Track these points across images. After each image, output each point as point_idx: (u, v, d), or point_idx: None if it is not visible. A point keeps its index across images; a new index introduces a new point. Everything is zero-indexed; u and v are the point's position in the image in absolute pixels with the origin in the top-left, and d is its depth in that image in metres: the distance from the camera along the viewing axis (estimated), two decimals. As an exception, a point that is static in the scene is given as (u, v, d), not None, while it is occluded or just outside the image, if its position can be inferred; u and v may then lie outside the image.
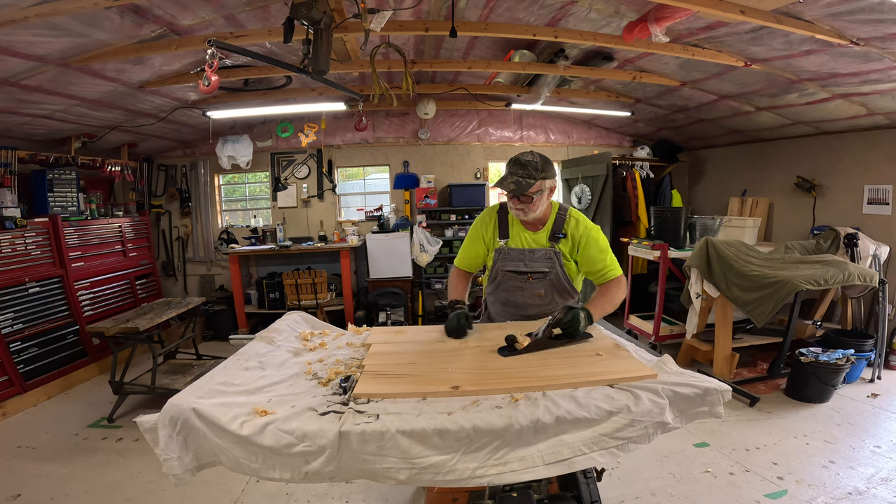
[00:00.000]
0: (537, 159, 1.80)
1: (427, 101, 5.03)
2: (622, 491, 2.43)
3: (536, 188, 1.78)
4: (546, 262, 1.92)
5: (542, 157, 1.81)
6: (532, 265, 1.93)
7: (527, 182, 1.77)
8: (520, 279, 1.97)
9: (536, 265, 1.93)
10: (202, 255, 5.81)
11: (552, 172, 1.84)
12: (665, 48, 3.05)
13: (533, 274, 1.94)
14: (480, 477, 1.14)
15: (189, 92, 3.97)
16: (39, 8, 2.21)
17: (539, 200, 1.82)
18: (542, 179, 1.78)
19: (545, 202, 1.87)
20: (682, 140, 5.76)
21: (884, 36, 2.55)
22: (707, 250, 3.62)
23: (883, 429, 2.95)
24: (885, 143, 3.87)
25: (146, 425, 1.22)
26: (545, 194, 1.83)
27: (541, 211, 1.87)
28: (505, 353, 1.55)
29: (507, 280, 1.99)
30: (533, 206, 1.82)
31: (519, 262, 1.95)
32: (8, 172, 3.71)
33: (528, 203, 1.81)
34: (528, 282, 1.95)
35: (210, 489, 2.52)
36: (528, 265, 1.94)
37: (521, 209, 1.85)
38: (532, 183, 1.77)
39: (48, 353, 3.85)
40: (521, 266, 1.95)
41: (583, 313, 1.62)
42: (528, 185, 1.77)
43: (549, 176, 1.82)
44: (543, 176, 1.79)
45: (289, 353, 1.69)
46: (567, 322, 1.58)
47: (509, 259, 1.96)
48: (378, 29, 2.53)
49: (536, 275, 1.94)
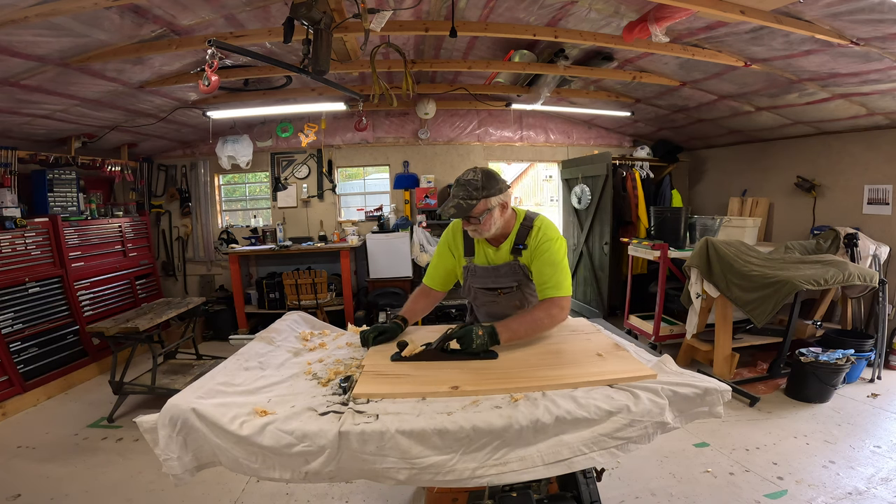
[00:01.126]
0: (479, 178, 1.69)
1: (427, 101, 5.03)
2: (622, 491, 2.43)
3: (481, 208, 1.68)
4: (512, 277, 1.84)
5: (484, 175, 1.70)
6: (500, 281, 1.87)
7: (468, 203, 1.67)
8: (491, 295, 1.92)
9: (504, 280, 1.86)
10: (202, 255, 5.81)
11: (497, 189, 1.70)
12: (665, 48, 3.05)
13: (503, 289, 1.88)
14: (480, 477, 1.14)
15: (189, 92, 3.97)
16: (39, 8, 2.21)
17: (489, 219, 1.71)
18: (485, 198, 1.67)
19: (498, 219, 1.75)
20: (682, 140, 5.76)
21: (884, 36, 2.54)
22: (707, 250, 3.62)
23: (883, 429, 2.95)
24: (885, 143, 3.87)
25: (146, 425, 1.22)
26: (495, 212, 1.72)
27: (496, 228, 1.76)
28: (394, 358, 1.55)
29: (481, 296, 1.95)
30: (484, 227, 1.72)
31: (487, 279, 1.89)
32: (8, 172, 3.71)
33: (478, 224, 1.72)
34: (500, 296, 1.90)
35: (210, 489, 2.52)
36: (495, 281, 1.87)
37: (473, 230, 1.77)
38: (473, 204, 1.66)
39: (48, 353, 3.85)
40: (490, 283, 1.89)
41: (481, 330, 1.55)
42: (470, 206, 1.67)
43: (494, 193, 1.69)
44: (486, 194, 1.67)
45: (289, 354, 1.69)
46: (459, 337, 1.54)
47: (477, 276, 1.90)
48: (378, 29, 2.53)
49: (506, 290, 1.87)
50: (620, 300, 5.27)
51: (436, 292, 2.01)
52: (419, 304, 1.98)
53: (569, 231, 6.00)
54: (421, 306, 1.98)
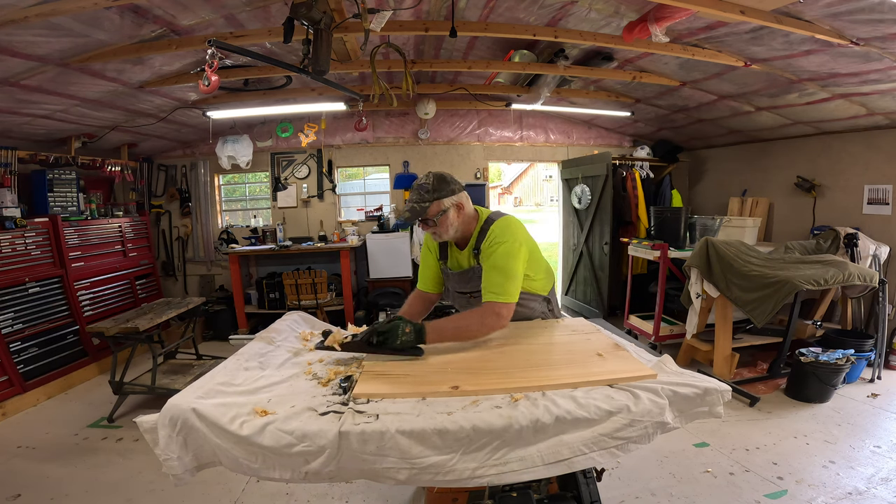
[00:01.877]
0: (430, 181, 1.73)
1: (427, 101, 5.03)
2: (622, 491, 2.43)
3: (435, 209, 1.72)
4: (478, 281, 1.79)
5: (436, 177, 1.74)
6: (469, 286, 1.86)
7: (421, 207, 1.71)
8: (465, 298, 1.92)
9: (471, 285, 1.85)
10: (202, 255, 5.81)
11: (450, 190, 1.74)
12: (665, 48, 3.05)
13: (472, 293, 1.86)
14: (480, 477, 1.14)
15: (189, 92, 3.97)
16: (39, 8, 2.21)
17: (445, 221, 1.74)
18: (437, 200, 1.71)
19: (456, 220, 1.77)
20: (682, 140, 5.76)
21: (884, 36, 2.54)
22: (707, 250, 3.62)
23: (883, 429, 2.95)
24: (885, 143, 3.87)
25: (146, 425, 1.22)
26: (450, 213, 1.74)
27: (456, 229, 1.78)
28: (318, 346, 1.59)
29: (457, 299, 1.96)
30: (442, 228, 1.76)
31: (458, 283, 1.90)
32: (8, 172, 3.71)
33: (435, 226, 1.76)
34: (472, 300, 1.88)
35: (210, 489, 2.52)
36: (465, 285, 1.88)
37: (433, 232, 1.80)
38: (426, 206, 1.71)
39: (48, 353, 3.85)
40: (461, 287, 1.90)
41: (408, 326, 1.54)
42: (423, 209, 1.71)
43: (446, 194, 1.72)
44: (437, 196, 1.71)
45: (289, 353, 1.69)
46: (384, 331, 1.53)
47: (451, 280, 1.93)
48: (378, 29, 2.53)
49: (475, 294, 1.83)
50: (620, 300, 5.27)
51: (429, 294, 2.03)
52: (415, 307, 2.00)
53: (569, 231, 6.01)
54: (418, 309, 2.00)
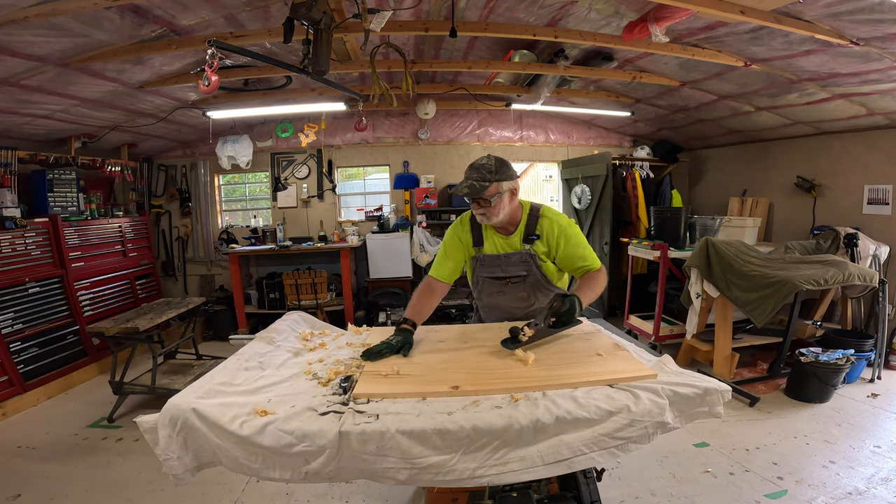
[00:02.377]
0: (492, 162, 1.79)
1: (427, 101, 5.03)
2: (622, 491, 2.43)
3: (493, 190, 1.76)
4: (522, 266, 1.90)
5: (497, 160, 1.80)
6: (509, 270, 1.92)
7: (480, 185, 1.75)
8: (499, 284, 1.96)
9: (513, 269, 1.91)
10: (202, 255, 5.81)
11: (509, 175, 1.80)
12: (665, 48, 3.05)
13: (511, 278, 1.93)
14: (480, 477, 1.14)
15: (189, 92, 3.97)
16: (39, 8, 2.21)
17: (499, 203, 1.79)
18: (497, 181, 1.76)
19: (507, 205, 1.82)
20: (682, 140, 5.76)
21: (884, 36, 2.54)
22: (707, 250, 3.62)
23: (883, 429, 2.95)
24: (885, 143, 3.87)
25: (146, 425, 1.22)
26: (505, 196, 1.80)
27: (505, 214, 1.83)
28: (510, 346, 1.56)
29: (489, 286, 1.99)
30: (494, 210, 1.79)
31: (496, 268, 1.93)
32: (8, 172, 3.71)
33: (489, 207, 1.79)
34: (508, 286, 1.94)
35: (210, 489, 2.52)
36: (505, 270, 1.92)
37: (482, 213, 1.83)
38: (486, 185, 1.75)
39: (48, 353, 3.85)
40: (499, 272, 1.93)
41: (576, 299, 1.66)
42: (483, 187, 1.75)
43: (506, 178, 1.78)
44: (499, 178, 1.76)
45: (289, 354, 1.69)
46: (565, 311, 1.62)
47: (486, 265, 1.95)
48: (378, 29, 2.53)
49: (515, 279, 1.92)
50: (620, 300, 5.27)
51: (441, 284, 1.96)
52: (424, 302, 1.89)
53: (569, 231, 5.99)
54: (427, 304, 1.89)
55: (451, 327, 1.94)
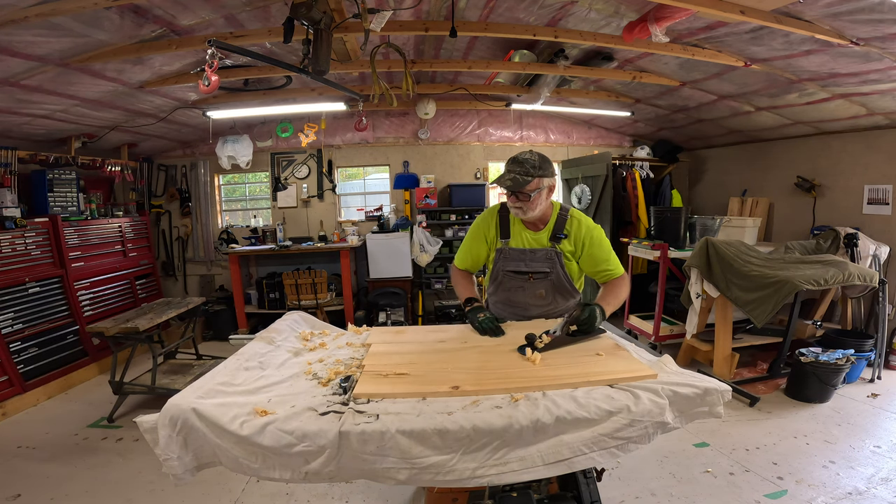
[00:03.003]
0: (535, 157, 1.82)
1: (427, 101, 5.03)
2: (622, 491, 2.43)
3: (534, 186, 1.79)
4: (547, 263, 1.92)
5: (540, 156, 1.83)
6: (533, 265, 1.94)
7: (524, 179, 1.78)
8: (521, 279, 1.97)
9: (537, 265, 1.93)
10: (202, 255, 5.81)
11: (551, 171, 1.84)
12: (665, 48, 3.05)
13: (534, 274, 1.94)
14: (480, 477, 1.14)
15: (189, 92, 3.97)
16: (39, 8, 2.21)
17: (538, 199, 1.82)
18: (539, 177, 1.79)
19: (544, 201, 1.87)
20: (682, 140, 5.76)
21: (884, 36, 2.54)
22: (707, 250, 3.62)
23: (883, 429, 2.95)
24: (885, 143, 3.87)
25: (146, 425, 1.22)
26: (544, 193, 1.84)
27: (540, 210, 1.87)
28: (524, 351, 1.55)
29: (509, 280, 1.99)
30: (531, 205, 1.83)
31: (520, 262, 1.95)
32: (8, 172, 3.71)
33: (527, 201, 1.82)
34: (530, 282, 1.96)
35: (210, 489, 2.52)
36: (528, 265, 1.94)
37: (519, 207, 1.86)
38: (529, 180, 1.78)
39: (48, 353, 3.84)
40: (522, 266, 1.95)
41: (598, 309, 1.66)
42: (525, 181, 1.77)
43: (548, 175, 1.82)
44: (541, 174, 1.79)
45: (289, 353, 1.69)
46: (585, 319, 1.62)
47: (510, 259, 1.96)
48: (378, 29, 2.53)
49: (537, 275, 1.94)
50: (620, 300, 5.26)
51: (471, 274, 2.14)
52: (470, 282, 2.11)
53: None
54: (472, 284, 2.11)
55: (450, 327, 1.94)
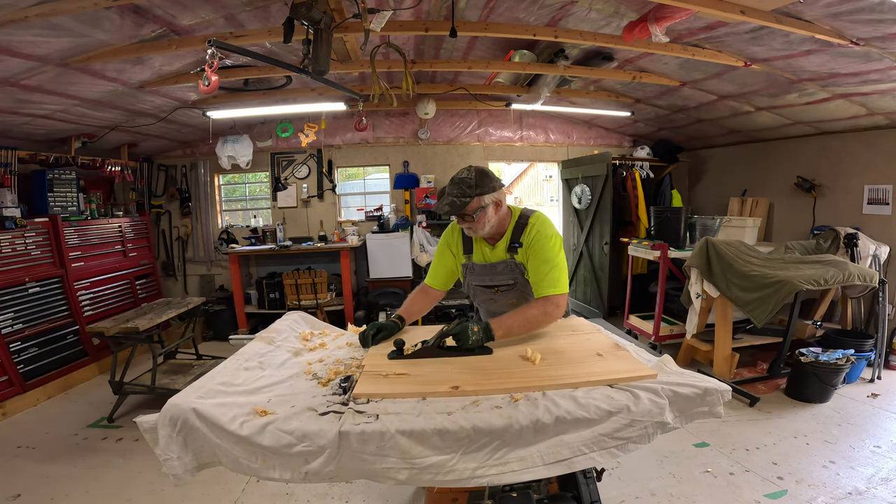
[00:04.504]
0: (472, 176, 1.72)
1: (427, 101, 5.03)
2: (622, 491, 2.43)
3: (475, 205, 1.71)
4: (509, 275, 1.86)
5: (478, 173, 1.74)
6: (496, 279, 1.89)
7: (461, 202, 1.70)
8: (489, 292, 1.95)
9: (500, 278, 1.88)
10: (202, 255, 5.81)
11: (491, 187, 1.73)
12: (665, 48, 3.04)
13: (500, 287, 1.90)
14: (480, 477, 1.14)
15: (189, 92, 3.97)
16: (39, 8, 2.21)
17: (483, 217, 1.74)
18: (478, 196, 1.70)
19: (493, 216, 1.77)
20: (682, 140, 5.76)
21: (884, 36, 2.54)
22: (707, 250, 3.62)
23: (883, 429, 2.95)
24: (885, 143, 3.86)
25: (146, 425, 1.22)
26: (489, 209, 1.74)
27: (491, 226, 1.78)
28: (392, 356, 1.55)
29: (479, 294, 1.99)
30: (479, 224, 1.75)
31: (484, 277, 1.91)
32: (8, 172, 3.71)
33: (472, 221, 1.75)
34: (498, 294, 1.93)
35: (210, 489, 2.52)
36: (493, 279, 1.90)
37: (468, 227, 1.80)
38: (467, 201, 1.70)
39: (48, 353, 3.85)
40: (487, 280, 1.91)
41: (476, 327, 1.57)
42: (464, 203, 1.70)
43: (488, 191, 1.72)
44: (479, 192, 1.70)
45: (289, 353, 1.69)
46: (455, 334, 1.56)
47: (475, 274, 1.93)
48: (378, 29, 2.53)
49: (503, 287, 1.90)
50: (620, 300, 5.26)
51: (435, 291, 2.02)
52: (417, 304, 1.99)
53: (569, 231, 6.00)
54: (419, 306, 1.99)
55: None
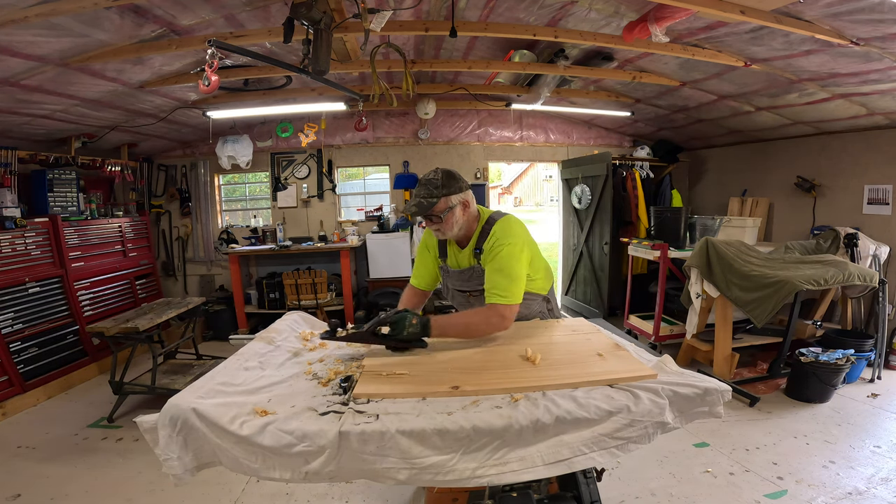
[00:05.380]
0: (438, 177, 1.72)
1: (427, 101, 5.03)
2: (622, 491, 2.43)
3: (442, 206, 1.71)
4: (477, 281, 1.81)
5: (444, 174, 1.73)
6: (467, 284, 1.87)
7: (428, 202, 1.70)
8: (463, 296, 1.93)
9: (471, 284, 1.86)
10: (202, 255, 5.81)
11: (458, 187, 1.73)
12: (665, 48, 3.05)
13: (471, 292, 1.88)
14: (480, 477, 1.13)
15: (189, 92, 3.97)
16: (39, 8, 2.21)
17: (451, 218, 1.73)
18: (445, 196, 1.70)
19: (461, 218, 1.76)
20: (682, 140, 5.76)
21: (884, 36, 2.54)
22: (707, 250, 3.62)
23: (883, 429, 2.95)
24: (885, 143, 3.87)
25: (146, 425, 1.22)
26: (457, 210, 1.74)
27: (459, 228, 1.77)
28: (324, 337, 1.57)
29: (455, 296, 1.98)
30: (446, 226, 1.74)
31: (458, 281, 1.90)
32: (8, 172, 3.71)
33: (440, 223, 1.74)
34: (471, 298, 1.90)
35: (210, 489, 2.52)
36: (465, 284, 1.88)
37: (437, 229, 1.79)
38: (434, 202, 1.69)
39: (48, 353, 3.85)
40: (460, 285, 1.90)
41: (414, 318, 1.55)
42: (431, 204, 1.70)
43: (455, 191, 1.71)
44: (446, 192, 1.70)
45: (289, 353, 1.69)
46: (392, 322, 1.54)
47: (450, 278, 1.93)
48: (378, 29, 2.53)
49: (474, 293, 1.87)
50: (620, 300, 5.26)
51: (424, 291, 2.04)
52: (411, 301, 2.01)
53: (569, 231, 6.01)
54: (413, 304, 2.01)
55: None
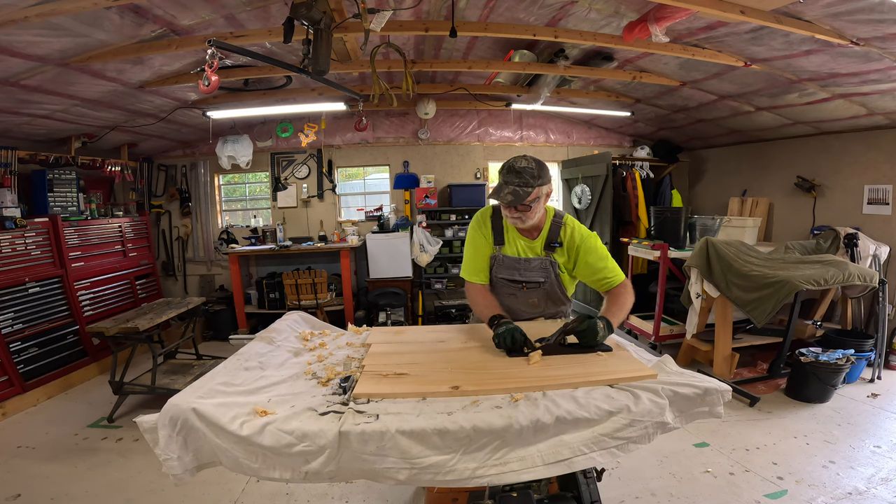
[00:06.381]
0: (533, 165, 1.68)
1: (427, 101, 5.03)
2: (622, 491, 2.43)
3: (534, 196, 1.68)
4: (542, 273, 1.84)
5: (537, 163, 1.70)
6: (527, 275, 1.86)
7: (524, 191, 1.66)
8: (514, 287, 1.89)
9: (531, 275, 1.85)
10: (202, 255, 5.81)
11: (548, 177, 1.73)
12: (665, 48, 3.05)
13: (527, 283, 1.87)
14: (480, 477, 1.14)
15: (189, 92, 3.97)
16: (39, 8, 2.21)
17: (537, 207, 1.73)
18: (539, 186, 1.68)
19: (542, 208, 1.78)
20: (682, 140, 5.76)
21: (884, 36, 2.54)
22: (707, 250, 3.62)
23: (883, 429, 2.95)
24: (885, 143, 3.87)
25: (146, 425, 1.22)
26: (542, 200, 1.74)
27: (538, 217, 1.79)
28: (512, 354, 1.53)
29: (502, 287, 1.92)
30: (531, 214, 1.73)
31: (514, 271, 1.87)
32: (8, 172, 3.71)
33: (526, 211, 1.72)
34: (523, 290, 1.88)
35: (210, 489, 2.52)
36: (522, 275, 1.86)
37: (518, 218, 1.76)
38: (529, 191, 1.66)
39: (48, 353, 3.84)
40: (517, 275, 1.87)
41: (601, 323, 1.54)
42: (526, 193, 1.66)
43: (546, 182, 1.71)
44: (541, 182, 1.68)
45: (289, 353, 1.69)
46: (582, 331, 1.52)
47: (504, 267, 1.88)
48: (378, 29, 2.53)
49: (531, 284, 1.86)
50: (620, 300, 5.26)
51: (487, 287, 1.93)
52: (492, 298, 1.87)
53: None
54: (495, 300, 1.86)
55: (450, 327, 1.93)
